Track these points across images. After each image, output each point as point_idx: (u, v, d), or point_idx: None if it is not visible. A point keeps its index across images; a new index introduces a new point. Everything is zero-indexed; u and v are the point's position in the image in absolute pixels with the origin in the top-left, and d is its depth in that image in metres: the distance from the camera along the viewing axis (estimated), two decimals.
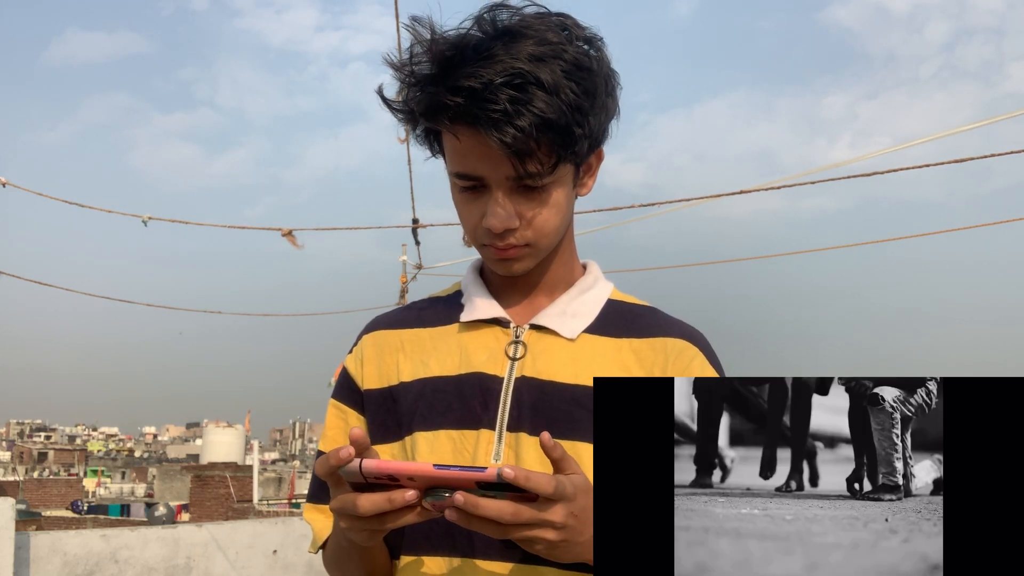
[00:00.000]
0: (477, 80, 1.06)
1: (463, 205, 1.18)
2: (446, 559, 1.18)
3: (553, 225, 1.17)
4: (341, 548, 1.23)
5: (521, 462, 1.15)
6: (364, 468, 0.97)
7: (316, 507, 1.31)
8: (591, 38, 1.14)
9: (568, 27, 1.12)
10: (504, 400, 1.19)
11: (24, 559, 6.21)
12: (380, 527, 1.01)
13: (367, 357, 1.30)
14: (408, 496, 0.96)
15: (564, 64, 1.08)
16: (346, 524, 1.03)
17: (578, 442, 1.15)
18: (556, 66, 1.07)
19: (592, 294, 1.27)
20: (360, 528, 1.02)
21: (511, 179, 1.12)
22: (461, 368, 1.22)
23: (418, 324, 1.30)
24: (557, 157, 1.10)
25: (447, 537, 1.18)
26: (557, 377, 1.19)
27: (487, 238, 1.17)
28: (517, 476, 0.92)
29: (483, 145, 1.09)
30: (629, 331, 1.24)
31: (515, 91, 1.05)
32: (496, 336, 1.24)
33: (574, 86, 1.08)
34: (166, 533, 6.91)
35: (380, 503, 0.97)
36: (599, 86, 1.12)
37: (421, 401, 1.22)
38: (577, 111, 1.08)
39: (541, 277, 1.26)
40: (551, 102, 1.06)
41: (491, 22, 1.11)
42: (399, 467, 0.96)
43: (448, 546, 1.18)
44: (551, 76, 1.06)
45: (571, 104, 1.08)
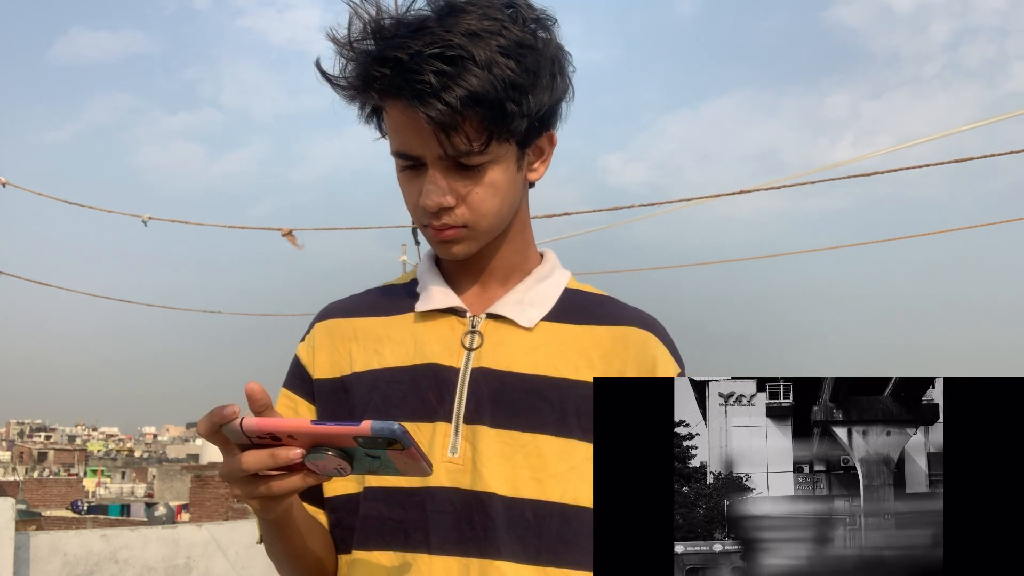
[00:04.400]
0: (405, 52, 1.05)
1: (404, 185, 1.16)
2: (398, 554, 1.14)
3: (491, 206, 1.14)
4: (264, 530, 1.18)
5: (478, 455, 1.13)
6: (245, 425, 0.94)
7: None
8: (540, 18, 1.12)
9: (516, 5, 1.11)
10: (461, 392, 1.16)
11: (24, 559, 6.22)
12: (270, 493, 0.98)
13: (319, 345, 1.26)
14: (291, 454, 0.94)
15: (503, 41, 1.06)
16: (237, 491, 1.00)
17: (539, 434, 1.14)
18: (493, 42, 1.06)
19: (550, 282, 1.24)
20: (250, 494, 0.99)
21: (443, 157, 1.09)
22: (416, 359, 1.19)
23: (372, 313, 1.26)
24: (489, 134, 1.08)
25: (400, 532, 1.14)
26: (515, 367, 1.16)
27: (425, 218, 1.14)
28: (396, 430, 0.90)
29: (413, 121, 1.07)
30: (588, 319, 1.21)
31: (445, 64, 1.04)
32: (452, 326, 1.20)
33: (512, 64, 1.06)
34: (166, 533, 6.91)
35: (263, 458, 0.95)
36: (543, 65, 1.10)
37: (375, 393, 1.18)
38: (512, 88, 1.06)
39: (494, 264, 1.22)
40: (483, 77, 1.04)
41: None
42: (278, 424, 0.94)
43: (401, 541, 1.14)
44: (486, 52, 1.05)
45: (506, 80, 1.05)
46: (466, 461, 1.14)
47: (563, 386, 1.16)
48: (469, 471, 1.13)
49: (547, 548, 1.12)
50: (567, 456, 1.14)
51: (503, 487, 1.13)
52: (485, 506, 1.12)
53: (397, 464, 0.96)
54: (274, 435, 0.95)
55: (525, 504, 1.13)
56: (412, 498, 1.14)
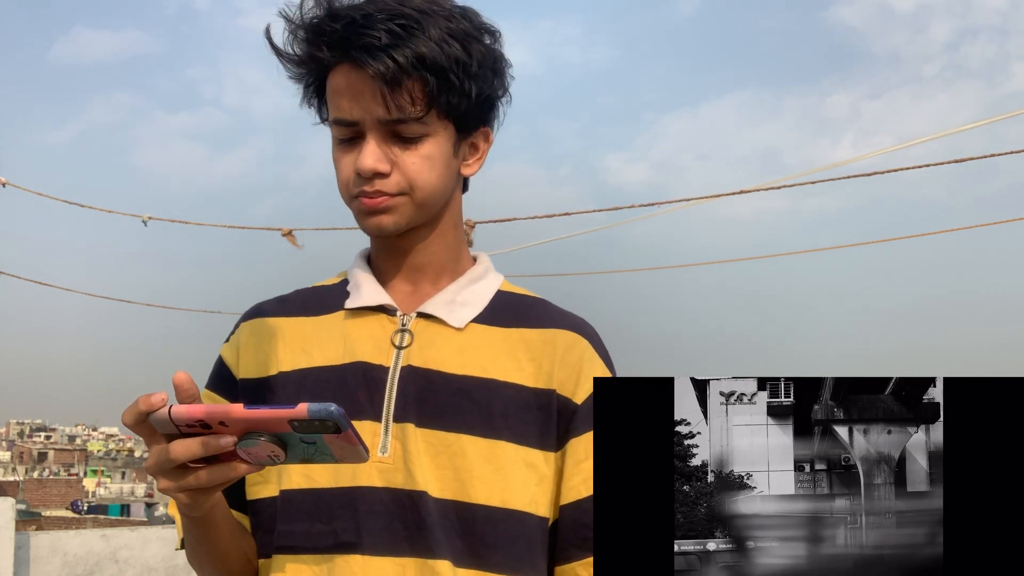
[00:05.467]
0: (358, 12, 1.08)
1: (339, 158, 1.16)
2: (326, 556, 1.11)
3: (428, 178, 1.14)
4: (187, 531, 1.14)
5: (408, 453, 1.12)
6: (173, 413, 0.92)
7: None
8: (487, 25, 1.16)
9: (466, 12, 1.14)
10: (390, 390, 1.14)
11: (24, 559, 6.22)
12: (199, 484, 0.95)
13: (244, 344, 1.24)
14: (222, 442, 0.91)
15: (452, 26, 1.10)
16: (164, 483, 0.97)
17: (463, 435, 1.13)
18: (444, 24, 1.09)
19: (482, 284, 1.23)
20: (179, 487, 0.96)
21: (383, 121, 1.10)
22: (345, 358, 1.17)
23: (301, 312, 1.24)
24: (430, 101, 1.09)
25: (328, 533, 1.12)
26: (444, 367, 1.15)
27: (357, 185, 1.14)
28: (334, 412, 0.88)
29: (358, 83, 1.09)
30: (518, 321, 1.21)
31: (397, 27, 1.07)
32: (382, 324, 1.19)
33: (458, 45, 1.09)
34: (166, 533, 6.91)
35: (193, 447, 0.92)
36: (486, 57, 1.13)
37: (303, 392, 1.16)
38: (457, 64, 1.09)
39: (425, 261, 1.22)
40: (431, 47, 1.07)
41: None
42: (209, 409, 0.91)
43: (330, 543, 1.12)
44: (436, 29, 1.08)
45: (452, 56, 1.09)
46: (397, 460, 1.12)
47: (491, 387, 1.15)
48: (401, 470, 1.12)
49: (472, 551, 1.11)
50: (493, 458, 1.13)
51: (432, 487, 1.12)
52: (417, 506, 1.11)
53: (333, 450, 0.93)
54: (204, 423, 0.92)
55: (449, 505, 1.11)
56: (341, 498, 1.12)
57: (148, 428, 0.95)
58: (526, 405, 1.16)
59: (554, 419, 1.16)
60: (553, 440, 1.16)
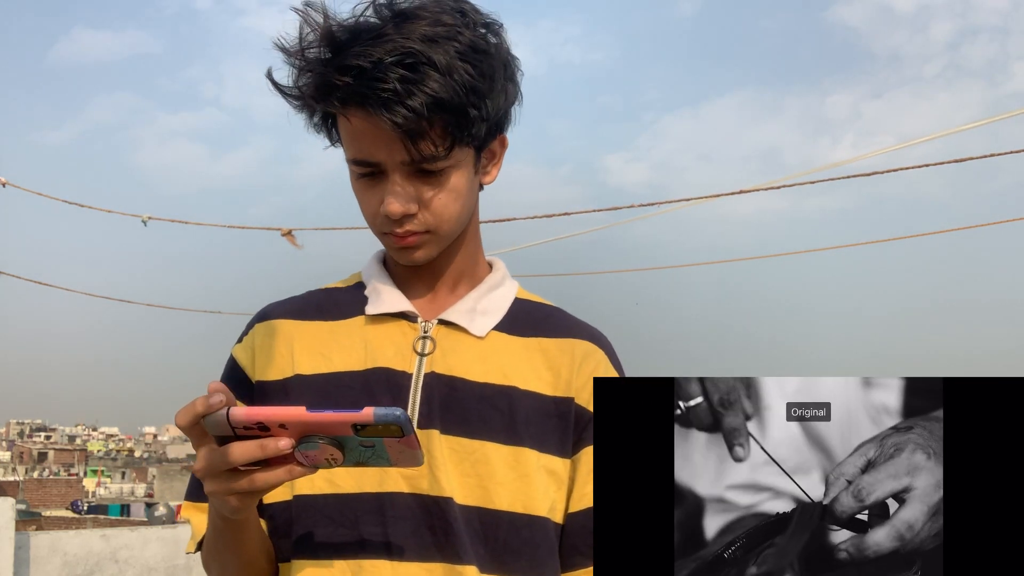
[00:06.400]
0: (366, 59, 1.04)
1: (361, 193, 1.15)
2: (352, 562, 1.11)
3: (453, 211, 1.14)
4: (217, 534, 1.13)
5: (433, 459, 1.12)
6: (232, 416, 0.91)
7: (195, 505, 1.22)
8: (489, 23, 1.13)
9: (465, 11, 1.11)
10: (414, 396, 1.14)
11: (24, 559, 6.23)
12: (252, 488, 0.95)
13: (259, 346, 1.22)
14: (281, 444, 0.90)
15: (459, 46, 1.07)
16: (213, 487, 0.96)
17: (487, 442, 1.13)
18: (450, 47, 1.06)
19: (501, 292, 1.24)
20: (229, 489, 0.95)
21: (407, 163, 1.09)
22: (367, 363, 1.17)
23: (318, 316, 1.23)
24: (452, 139, 1.08)
25: (355, 539, 1.11)
26: (467, 375, 1.16)
27: (387, 225, 1.14)
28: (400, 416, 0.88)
29: (376, 128, 1.06)
30: (537, 330, 1.22)
31: (406, 71, 1.04)
32: (403, 331, 1.19)
33: (469, 68, 1.06)
34: (166, 533, 6.92)
35: (251, 450, 0.91)
36: (497, 69, 1.11)
37: (326, 397, 1.16)
38: (472, 92, 1.07)
39: (445, 269, 1.22)
40: (444, 83, 1.05)
41: (387, 5, 1.10)
42: (270, 412, 0.90)
43: (355, 548, 1.11)
44: (444, 57, 1.05)
45: (466, 85, 1.06)
46: (423, 466, 1.11)
47: (513, 395, 1.16)
48: (427, 476, 1.12)
49: (495, 557, 1.12)
50: (517, 464, 1.13)
51: (457, 493, 1.12)
52: (444, 512, 1.11)
53: (391, 453, 0.93)
54: (263, 425, 0.91)
55: (473, 511, 1.12)
56: (367, 504, 1.12)
57: (199, 430, 0.94)
58: (546, 413, 1.17)
59: (571, 427, 1.17)
60: (569, 448, 1.17)
